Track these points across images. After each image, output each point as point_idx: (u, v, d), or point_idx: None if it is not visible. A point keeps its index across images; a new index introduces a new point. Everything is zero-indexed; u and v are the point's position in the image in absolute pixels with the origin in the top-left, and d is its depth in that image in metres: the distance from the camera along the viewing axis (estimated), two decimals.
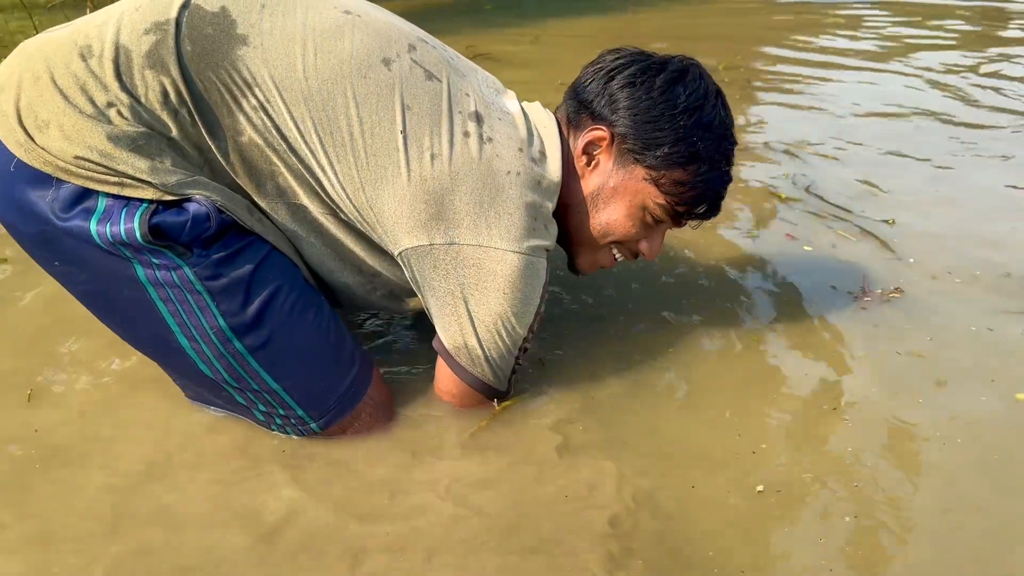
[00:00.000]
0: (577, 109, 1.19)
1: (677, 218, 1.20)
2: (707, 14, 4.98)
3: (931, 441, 1.20)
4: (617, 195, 1.17)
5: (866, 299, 1.57)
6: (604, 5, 5.28)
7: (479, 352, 1.10)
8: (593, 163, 1.17)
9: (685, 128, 1.12)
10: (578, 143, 1.17)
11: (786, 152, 2.46)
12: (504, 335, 1.09)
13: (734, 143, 1.19)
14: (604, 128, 1.15)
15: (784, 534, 1.04)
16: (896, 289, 1.60)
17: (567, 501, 1.07)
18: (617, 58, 1.19)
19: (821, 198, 2.08)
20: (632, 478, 1.12)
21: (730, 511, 1.07)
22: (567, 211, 1.19)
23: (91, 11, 3.86)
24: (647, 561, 0.99)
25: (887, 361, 1.40)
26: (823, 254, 1.78)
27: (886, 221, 1.93)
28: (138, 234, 0.93)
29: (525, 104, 1.19)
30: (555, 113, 1.21)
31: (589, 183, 1.18)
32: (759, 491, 1.10)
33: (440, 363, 1.17)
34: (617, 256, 1.26)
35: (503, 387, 1.18)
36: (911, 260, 1.74)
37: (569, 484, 1.10)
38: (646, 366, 1.37)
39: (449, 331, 1.10)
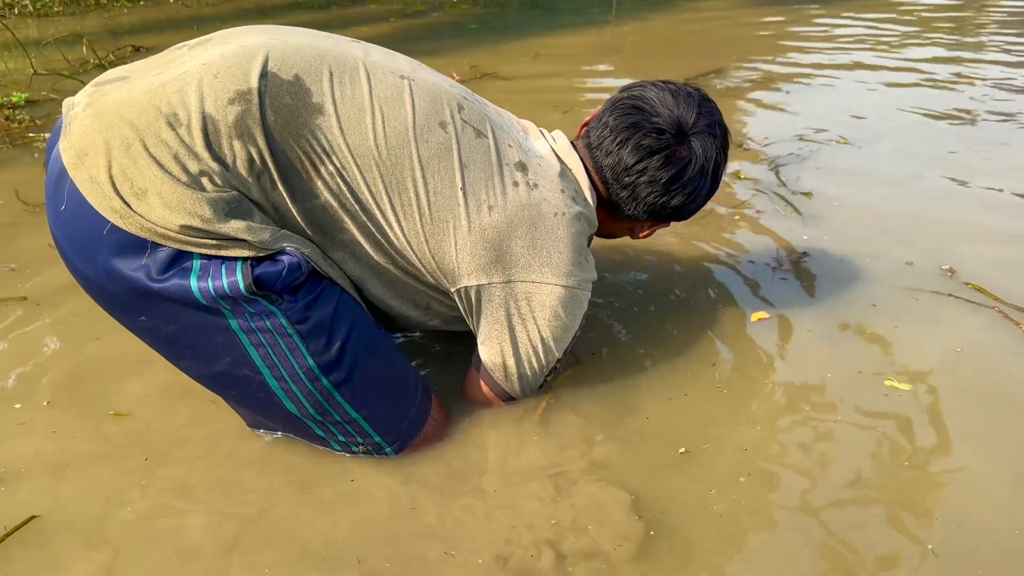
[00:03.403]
0: (624, 202, 1.27)
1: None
2: (686, 22, 5.11)
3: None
4: (650, 233, 1.37)
5: (781, 267, 1.77)
6: (585, 17, 5.40)
7: (514, 371, 1.19)
8: (646, 232, 1.36)
9: (711, 195, 1.30)
10: (643, 232, 1.35)
11: (763, 146, 2.56)
12: (541, 358, 1.19)
13: None
14: (666, 223, 1.33)
15: (634, 471, 1.11)
16: (804, 254, 1.81)
17: None
18: (656, 171, 1.22)
19: (780, 183, 2.20)
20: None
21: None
22: (603, 228, 1.35)
23: (86, 49, 3.90)
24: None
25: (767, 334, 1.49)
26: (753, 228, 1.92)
27: (805, 194, 2.17)
28: (242, 287, 0.96)
29: (551, 141, 1.27)
30: (576, 147, 1.29)
31: (636, 235, 1.37)
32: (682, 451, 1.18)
33: (471, 373, 1.25)
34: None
35: (525, 398, 1.28)
36: (825, 237, 1.88)
37: None
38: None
39: (491, 351, 1.18)
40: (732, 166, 2.43)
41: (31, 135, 2.72)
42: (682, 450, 1.21)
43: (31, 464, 1.19)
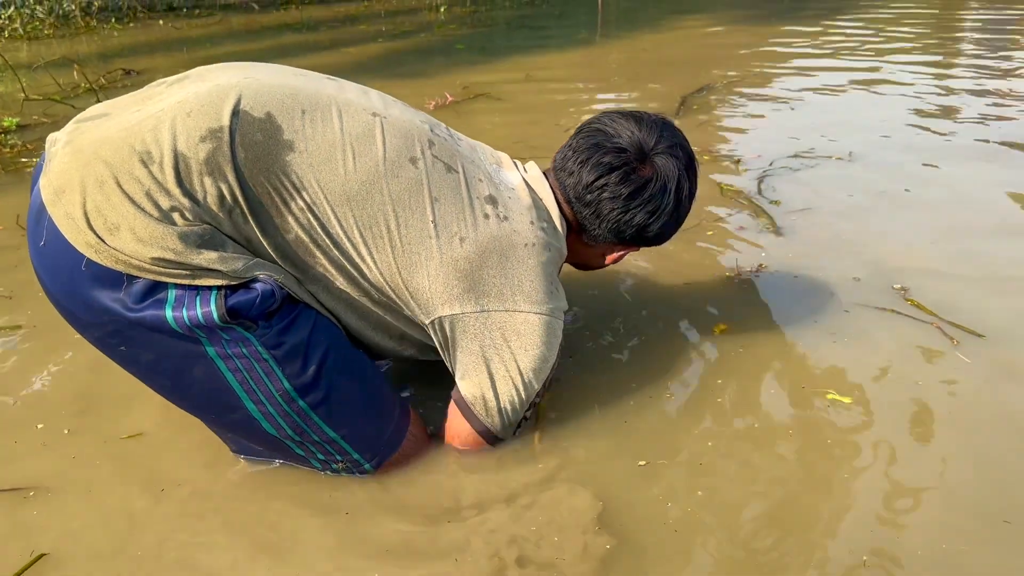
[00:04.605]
0: (590, 224, 1.30)
1: None
2: (671, 40, 5.20)
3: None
4: (620, 257, 1.40)
5: (740, 276, 1.86)
6: (571, 37, 5.48)
7: (494, 404, 1.19)
8: (617, 257, 1.38)
9: (678, 220, 1.33)
10: (614, 257, 1.37)
11: (748, 160, 2.63)
12: (521, 390, 1.19)
13: None
14: (635, 247, 1.36)
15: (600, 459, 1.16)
16: (761, 267, 1.90)
17: None
18: (616, 186, 1.25)
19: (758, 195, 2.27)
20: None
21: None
22: (574, 256, 1.38)
23: (77, 74, 3.94)
24: None
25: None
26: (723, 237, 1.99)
27: (774, 202, 2.29)
28: (216, 316, 1.00)
29: (523, 172, 1.32)
30: (547, 177, 1.34)
31: (609, 261, 1.39)
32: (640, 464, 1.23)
33: (452, 411, 1.25)
34: None
35: (508, 436, 1.26)
36: (788, 253, 1.93)
37: None
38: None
39: (470, 385, 1.19)
40: (718, 178, 2.50)
41: (23, 160, 2.75)
42: (642, 463, 1.25)
43: (55, 485, 1.23)
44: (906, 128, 3.06)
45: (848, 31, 5.40)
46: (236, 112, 1.04)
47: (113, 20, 6.10)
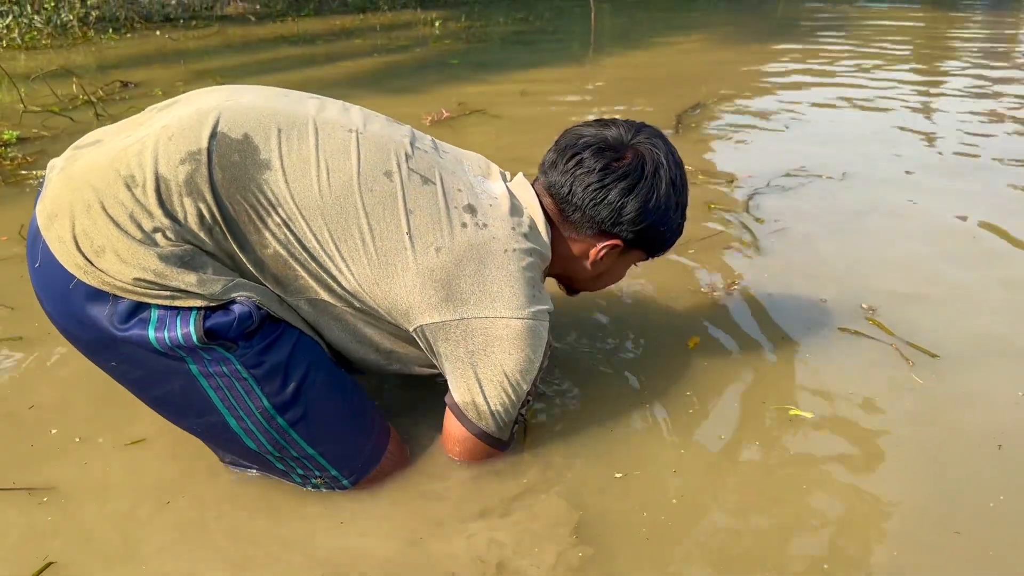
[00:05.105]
0: (569, 211, 1.31)
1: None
2: (663, 58, 5.29)
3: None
4: (618, 267, 1.41)
5: (714, 293, 1.95)
6: (564, 53, 5.57)
7: (485, 408, 1.22)
8: (603, 257, 1.34)
9: (676, 220, 1.35)
10: (597, 251, 1.33)
11: (739, 178, 2.70)
12: (510, 392, 1.22)
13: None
14: (617, 240, 1.32)
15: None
16: (734, 284, 1.99)
17: None
18: (591, 161, 1.28)
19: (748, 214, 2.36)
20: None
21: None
22: (561, 263, 1.37)
23: (76, 86, 3.99)
24: None
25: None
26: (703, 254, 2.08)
27: (758, 219, 2.39)
28: (195, 338, 1.05)
29: (509, 183, 1.36)
30: (533, 185, 1.38)
31: (597, 267, 1.37)
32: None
33: (448, 416, 1.29)
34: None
35: (505, 436, 1.29)
36: (764, 272, 2.01)
37: None
38: None
39: (459, 390, 1.22)
40: (707, 195, 2.58)
41: (23, 173, 2.80)
42: (619, 475, 1.32)
43: (67, 490, 1.29)
44: (896, 145, 3.16)
45: (838, 48, 5.50)
46: (214, 134, 1.09)
47: (110, 30, 6.16)
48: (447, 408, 1.28)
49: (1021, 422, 1.46)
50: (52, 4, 6.20)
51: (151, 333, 1.06)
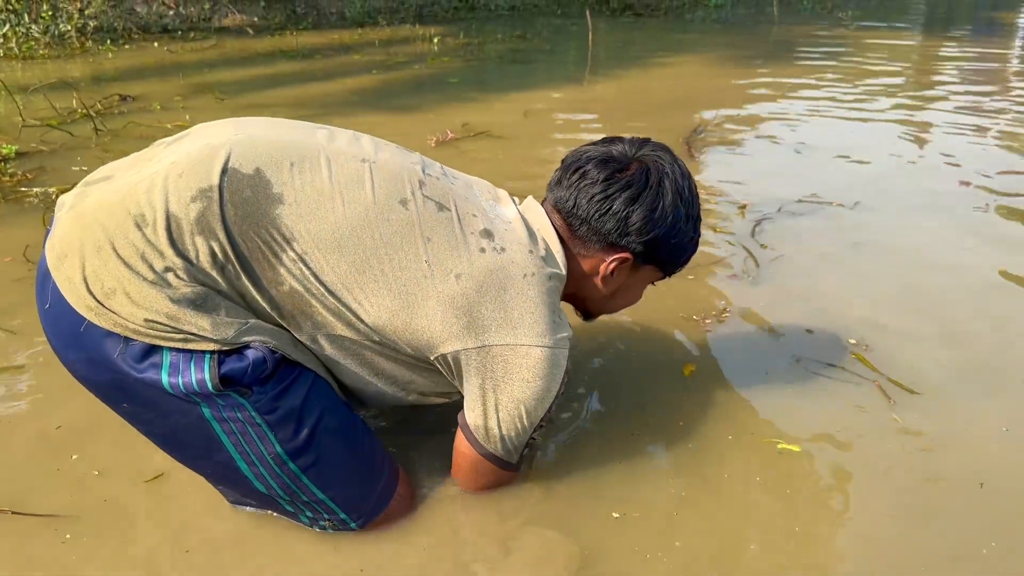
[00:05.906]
0: (576, 224, 1.29)
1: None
2: (661, 79, 5.32)
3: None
4: (634, 286, 1.39)
5: (706, 321, 1.98)
6: (561, 72, 5.59)
7: (496, 432, 1.22)
8: (613, 272, 1.32)
9: (687, 232, 1.32)
10: (607, 265, 1.30)
11: (741, 203, 2.72)
12: (524, 418, 1.21)
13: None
14: (626, 253, 1.29)
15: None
16: (723, 311, 2.02)
17: None
18: (595, 172, 1.27)
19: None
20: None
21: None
22: (574, 282, 1.33)
23: (76, 101, 3.97)
24: None
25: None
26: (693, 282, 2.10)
27: (763, 245, 2.44)
28: (210, 385, 1.04)
29: (520, 206, 1.32)
30: (543, 204, 1.37)
31: (609, 285, 1.34)
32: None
33: (458, 436, 1.28)
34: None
35: (513, 460, 1.28)
36: (760, 301, 2.03)
37: None
38: None
39: (474, 412, 1.21)
40: (714, 222, 2.60)
41: (23, 190, 2.78)
42: (616, 515, 1.33)
43: (88, 528, 1.29)
44: (907, 175, 3.18)
45: (839, 70, 5.55)
46: (225, 171, 1.07)
47: (108, 41, 6.14)
48: (459, 428, 1.28)
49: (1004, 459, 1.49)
50: (50, 14, 6.17)
51: (165, 378, 1.04)
